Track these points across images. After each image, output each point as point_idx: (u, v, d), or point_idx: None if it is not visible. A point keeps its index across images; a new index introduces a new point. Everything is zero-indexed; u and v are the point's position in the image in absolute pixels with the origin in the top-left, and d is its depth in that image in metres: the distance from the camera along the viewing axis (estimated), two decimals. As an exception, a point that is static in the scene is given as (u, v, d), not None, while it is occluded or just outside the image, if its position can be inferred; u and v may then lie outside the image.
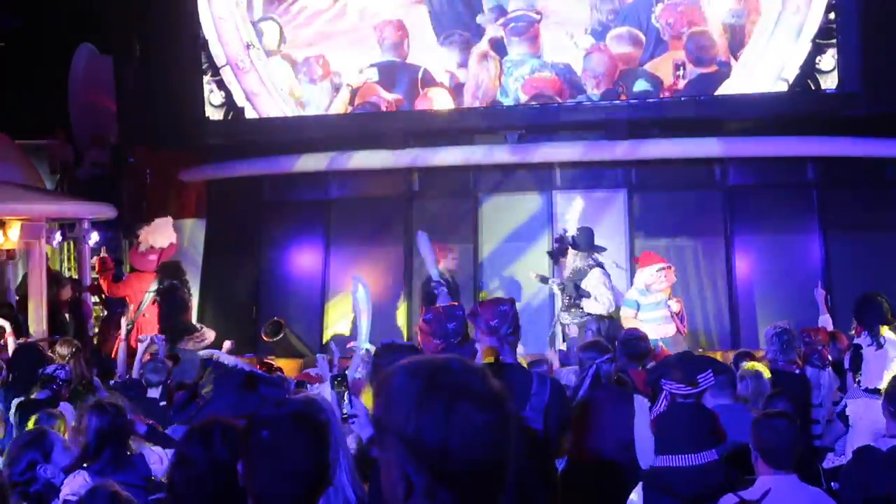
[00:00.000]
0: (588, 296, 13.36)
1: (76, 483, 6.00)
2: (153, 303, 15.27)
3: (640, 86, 15.27)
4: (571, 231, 13.98)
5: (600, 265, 13.70)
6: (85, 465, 6.18)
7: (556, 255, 14.30)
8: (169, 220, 16.55)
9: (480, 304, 6.42)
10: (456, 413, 2.42)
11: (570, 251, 13.83)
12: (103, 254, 16.45)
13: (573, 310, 13.68)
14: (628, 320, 13.10)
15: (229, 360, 5.58)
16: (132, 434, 6.63)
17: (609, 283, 13.58)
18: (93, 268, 17.09)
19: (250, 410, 3.90)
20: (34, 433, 6.52)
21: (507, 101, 15.69)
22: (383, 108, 16.20)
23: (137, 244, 16.06)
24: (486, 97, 15.71)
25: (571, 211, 15.12)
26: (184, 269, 15.75)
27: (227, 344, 13.10)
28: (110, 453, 6.23)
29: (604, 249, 14.01)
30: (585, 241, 13.80)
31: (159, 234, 15.95)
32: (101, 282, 16.51)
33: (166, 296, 14.99)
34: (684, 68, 15.05)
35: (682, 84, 15.13)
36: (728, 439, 6.95)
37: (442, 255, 14.32)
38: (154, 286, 15.24)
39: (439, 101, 16.00)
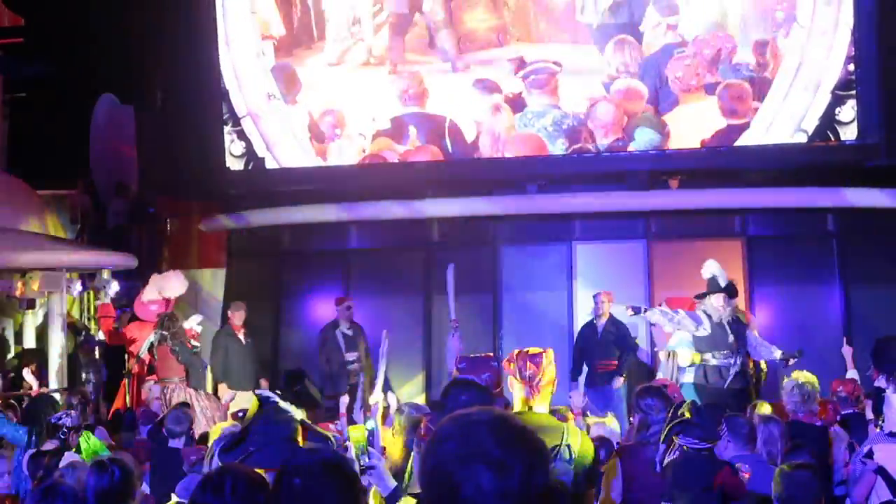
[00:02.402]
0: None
1: None
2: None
3: (643, 135, 15.29)
4: (722, 277, 13.03)
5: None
6: None
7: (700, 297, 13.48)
8: (179, 273, 16.45)
9: (516, 354, 6.43)
10: (467, 477, 2.49)
11: (716, 299, 12.84)
12: (105, 299, 16.40)
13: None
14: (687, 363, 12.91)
15: (284, 406, 5.55)
16: (132, 499, 6.53)
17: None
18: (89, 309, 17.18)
19: None
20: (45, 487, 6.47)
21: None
22: (397, 160, 16.26)
23: (141, 292, 15.97)
24: (505, 148, 15.76)
25: (590, 260, 15.13)
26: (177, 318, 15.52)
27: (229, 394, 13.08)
28: None
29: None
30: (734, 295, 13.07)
31: (171, 285, 15.89)
32: (102, 328, 16.47)
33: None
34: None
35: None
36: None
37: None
38: (153, 336, 15.09)
39: (439, 153, 16.12)
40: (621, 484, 7.07)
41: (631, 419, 10.04)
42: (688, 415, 6.95)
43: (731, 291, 12.93)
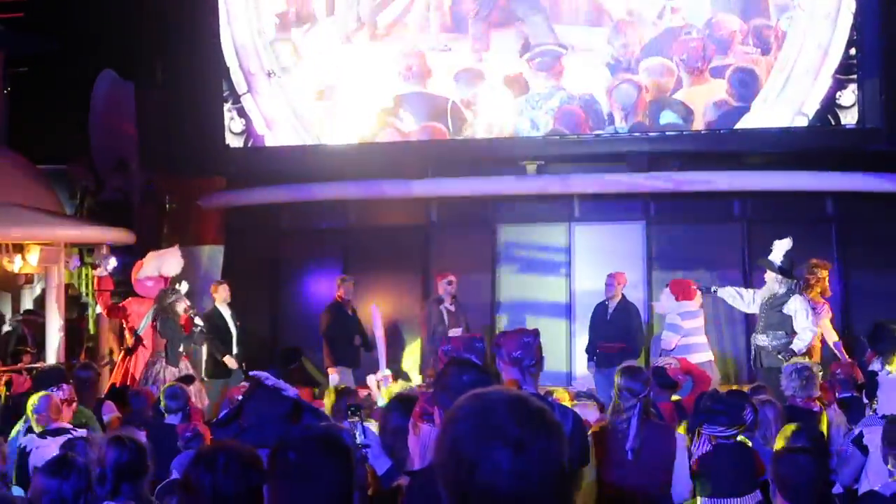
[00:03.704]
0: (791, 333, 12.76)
1: None
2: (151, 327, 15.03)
3: (667, 117, 15.28)
4: (776, 256, 13.15)
5: (801, 293, 13.01)
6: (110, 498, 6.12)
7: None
8: (177, 250, 16.30)
9: (503, 334, 6.42)
10: (486, 456, 2.49)
11: (770, 275, 13.13)
12: (101, 272, 16.22)
13: (770, 332, 12.98)
14: (670, 346, 13.02)
15: (279, 384, 5.57)
16: (147, 474, 6.56)
17: (811, 312, 12.84)
18: (88, 282, 17.12)
19: None
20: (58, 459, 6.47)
21: (537, 134, 15.72)
22: (401, 138, 16.25)
23: (137, 269, 15.83)
24: (505, 129, 15.74)
25: (589, 242, 15.15)
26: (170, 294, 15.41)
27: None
28: (129, 489, 6.18)
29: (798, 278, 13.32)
30: (790, 268, 13.12)
31: (169, 262, 15.80)
32: (99, 301, 16.32)
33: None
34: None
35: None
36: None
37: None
38: (151, 312, 15.04)
39: (440, 132, 16.09)
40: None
41: None
42: (709, 403, 6.98)
43: (777, 269, 12.96)
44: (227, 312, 15.43)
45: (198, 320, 14.85)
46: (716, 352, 14.43)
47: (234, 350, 15.27)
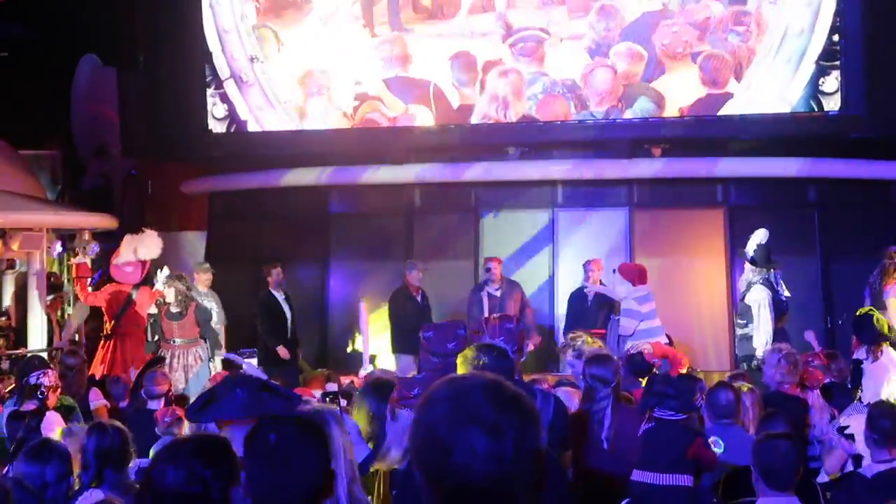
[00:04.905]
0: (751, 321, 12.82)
1: (92, 499, 5.95)
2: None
3: (642, 104, 15.26)
4: (750, 246, 13.14)
5: (767, 282, 12.99)
6: (94, 485, 6.12)
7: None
8: (154, 233, 16.01)
9: (486, 321, 6.42)
10: (461, 440, 2.46)
11: (748, 265, 13.19)
12: (80, 258, 16.00)
13: (740, 320, 13.18)
14: (629, 332, 13.02)
15: (254, 370, 5.57)
16: (130, 460, 6.55)
17: (769, 302, 12.81)
18: (69, 269, 17.02)
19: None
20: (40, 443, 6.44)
21: (530, 110, 15.68)
22: (384, 123, 16.20)
23: (115, 255, 15.57)
24: (513, 113, 15.65)
25: (572, 228, 15.14)
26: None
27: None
28: (112, 476, 6.18)
29: (779, 265, 13.33)
30: (763, 258, 13.10)
31: (147, 246, 15.55)
32: (78, 288, 16.11)
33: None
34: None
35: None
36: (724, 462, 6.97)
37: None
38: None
39: (423, 118, 16.07)
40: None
41: None
42: (661, 387, 6.98)
43: (749, 260, 13.01)
44: (280, 297, 15.18)
45: (152, 309, 14.70)
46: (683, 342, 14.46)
47: (289, 334, 15.07)
